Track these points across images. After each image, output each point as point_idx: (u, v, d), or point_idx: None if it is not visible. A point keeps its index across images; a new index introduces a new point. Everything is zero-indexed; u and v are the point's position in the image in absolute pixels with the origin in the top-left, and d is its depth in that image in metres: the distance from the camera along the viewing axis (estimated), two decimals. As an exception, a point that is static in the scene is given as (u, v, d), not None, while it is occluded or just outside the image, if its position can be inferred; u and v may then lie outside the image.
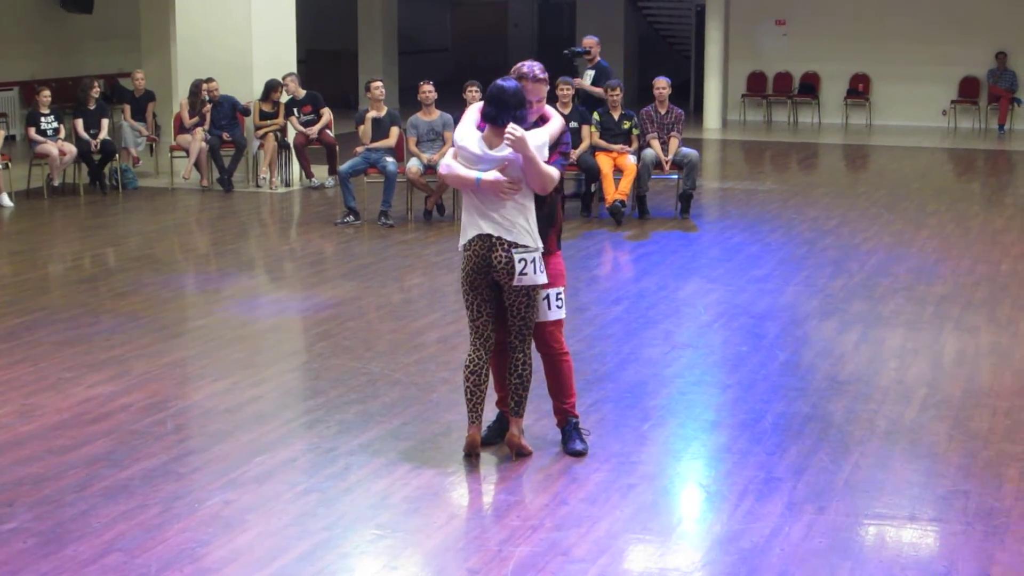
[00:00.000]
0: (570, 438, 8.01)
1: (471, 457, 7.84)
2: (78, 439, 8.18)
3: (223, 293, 12.87)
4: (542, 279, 7.66)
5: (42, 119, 18.22)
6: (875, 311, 11.73)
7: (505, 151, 7.59)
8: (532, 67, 7.86)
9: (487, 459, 7.87)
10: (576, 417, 8.05)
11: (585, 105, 16.98)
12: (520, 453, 7.86)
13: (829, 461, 7.83)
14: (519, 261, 7.58)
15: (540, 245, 7.67)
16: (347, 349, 10.39)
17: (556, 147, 7.82)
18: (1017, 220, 16.39)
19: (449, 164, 7.82)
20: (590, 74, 17.51)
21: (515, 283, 7.61)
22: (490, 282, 7.72)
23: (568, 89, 16.09)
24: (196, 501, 7.18)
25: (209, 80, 18.82)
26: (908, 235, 15.31)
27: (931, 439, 8.30)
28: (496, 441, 8.03)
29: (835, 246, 14.64)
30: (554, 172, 7.68)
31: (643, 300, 12.09)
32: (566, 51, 17.55)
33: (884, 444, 8.19)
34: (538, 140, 7.61)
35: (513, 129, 7.49)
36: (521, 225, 7.62)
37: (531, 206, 7.68)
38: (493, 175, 7.61)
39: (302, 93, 19.10)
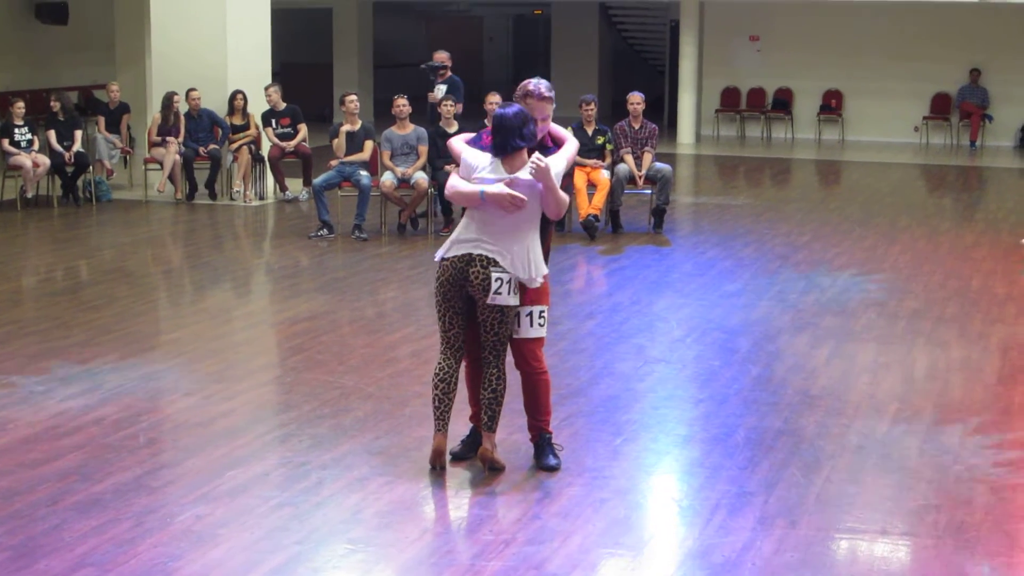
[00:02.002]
0: (544, 453, 8.01)
1: (436, 467, 7.85)
2: (50, 453, 8.16)
3: (196, 306, 12.87)
4: (514, 301, 7.66)
5: (16, 131, 18.17)
6: (847, 326, 11.77)
7: (519, 176, 7.64)
8: (538, 85, 7.84)
9: (460, 473, 7.88)
10: (550, 433, 8.06)
11: (436, 121, 16.88)
12: (493, 468, 7.86)
13: (801, 476, 7.86)
14: (495, 280, 7.60)
15: (536, 277, 7.68)
16: (320, 363, 10.39)
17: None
18: (988, 236, 16.47)
19: (453, 182, 7.82)
20: (442, 88, 17.71)
21: (488, 301, 7.62)
22: (464, 296, 7.73)
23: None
24: (168, 515, 7.16)
25: (191, 90, 18.80)
26: (880, 250, 15.37)
27: (902, 453, 8.33)
28: (469, 456, 8.03)
29: (807, 261, 14.69)
30: (565, 197, 7.75)
31: (616, 315, 12.11)
32: (422, 65, 17.69)
33: (855, 458, 8.22)
34: (557, 167, 7.68)
35: (538, 159, 7.55)
36: (517, 254, 7.64)
37: (534, 236, 7.71)
38: (498, 188, 7.63)
39: (282, 105, 19.09)
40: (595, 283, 14.21)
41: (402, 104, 16.20)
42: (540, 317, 7.86)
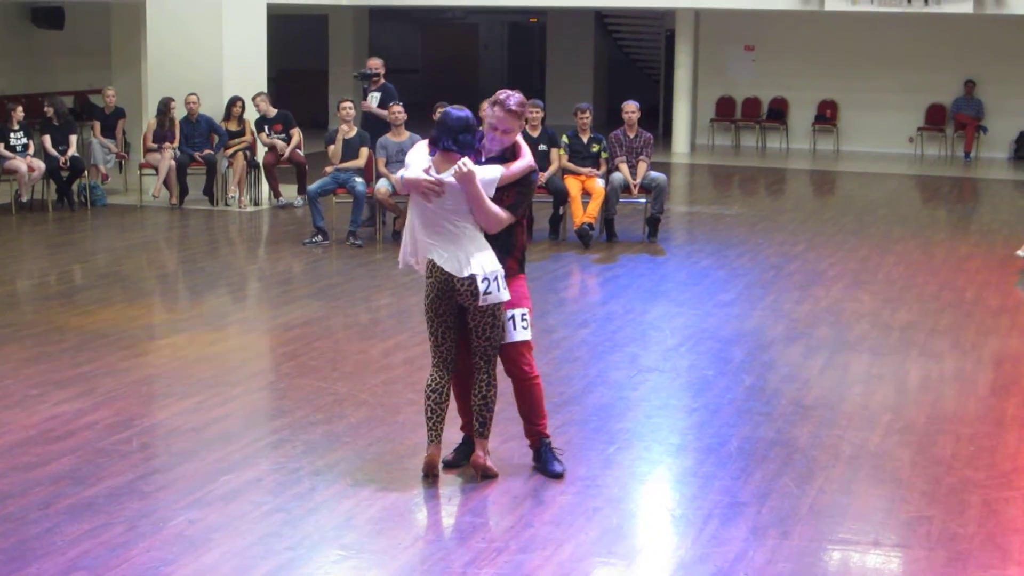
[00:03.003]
0: (547, 460, 8.01)
1: (429, 477, 7.86)
2: (43, 457, 8.16)
3: (190, 312, 12.87)
4: (506, 295, 7.67)
5: (11, 135, 18.17)
6: (841, 336, 11.78)
7: (450, 177, 7.61)
8: (510, 97, 7.76)
9: (452, 481, 7.88)
10: (548, 438, 8.07)
11: (370, 129, 16.91)
12: (486, 475, 7.87)
13: (794, 486, 7.87)
14: (482, 281, 7.60)
15: (496, 266, 7.66)
16: (314, 369, 10.39)
17: (516, 187, 7.77)
18: (982, 247, 16.50)
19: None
20: (376, 96, 17.54)
21: (480, 303, 7.63)
22: (454, 307, 7.74)
23: (537, 112, 16.14)
24: (161, 520, 7.16)
25: (190, 94, 18.81)
26: (874, 261, 15.39)
27: (895, 465, 8.34)
28: (462, 463, 8.04)
29: (801, 271, 14.70)
30: (501, 215, 7.66)
31: (610, 323, 12.12)
32: (354, 74, 17.44)
33: (848, 469, 8.23)
34: (487, 175, 7.62)
35: (463, 163, 7.52)
36: (462, 255, 7.64)
37: (474, 233, 7.68)
38: (414, 172, 7.64)
39: (273, 112, 19.09)
40: (589, 292, 14.21)
41: (397, 111, 16.21)
42: (523, 320, 7.85)
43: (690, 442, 8.79)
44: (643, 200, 16.74)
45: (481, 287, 7.58)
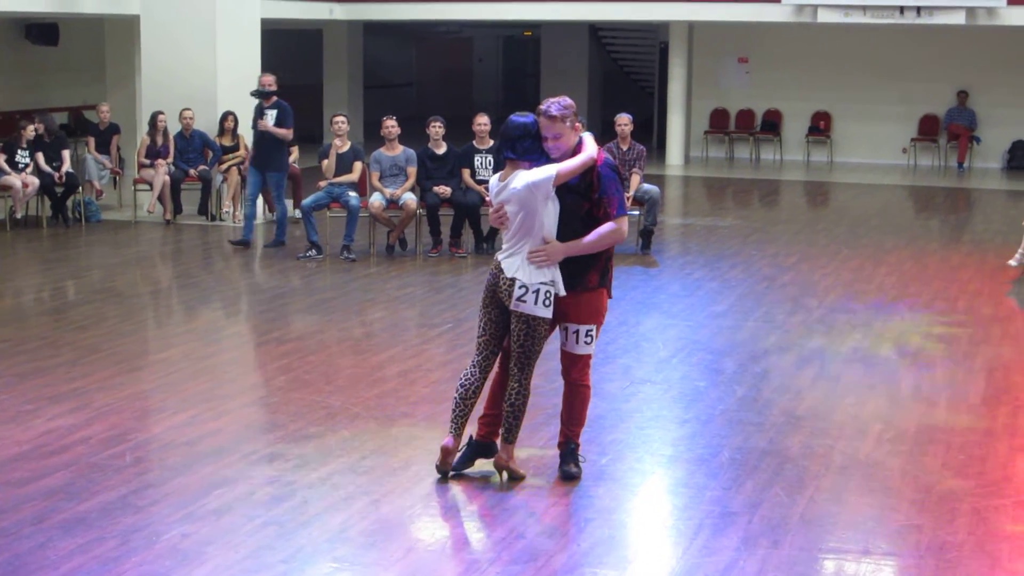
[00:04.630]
0: (565, 460, 8.14)
1: (443, 469, 7.98)
2: (37, 471, 8.18)
3: (184, 326, 12.89)
4: (542, 312, 7.72)
5: (19, 152, 18.23)
6: (833, 347, 11.81)
7: (511, 184, 7.76)
8: (550, 104, 7.81)
9: (445, 493, 7.91)
10: (577, 444, 8.17)
11: (266, 148, 16.59)
12: (512, 477, 8.01)
13: (785, 496, 7.89)
14: (519, 287, 7.65)
15: (549, 280, 7.72)
16: (307, 383, 10.41)
17: (598, 188, 7.81)
18: (974, 257, 16.53)
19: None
20: (272, 114, 16.76)
21: (512, 307, 7.69)
22: (499, 303, 7.81)
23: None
24: (154, 534, 7.18)
25: (184, 109, 18.83)
26: (867, 271, 15.42)
27: (885, 474, 8.37)
28: (466, 468, 8.12)
29: (794, 282, 14.74)
30: (604, 232, 7.79)
31: (603, 335, 12.04)
32: (252, 92, 16.94)
33: (839, 479, 8.26)
34: (538, 176, 7.71)
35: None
36: (519, 259, 7.74)
37: (530, 246, 7.77)
38: (495, 201, 7.89)
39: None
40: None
41: (391, 125, 16.24)
42: (587, 336, 7.98)
43: (682, 453, 8.82)
44: (636, 212, 16.76)
45: (517, 292, 7.65)
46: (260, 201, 19.23)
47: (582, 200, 7.81)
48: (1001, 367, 11.22)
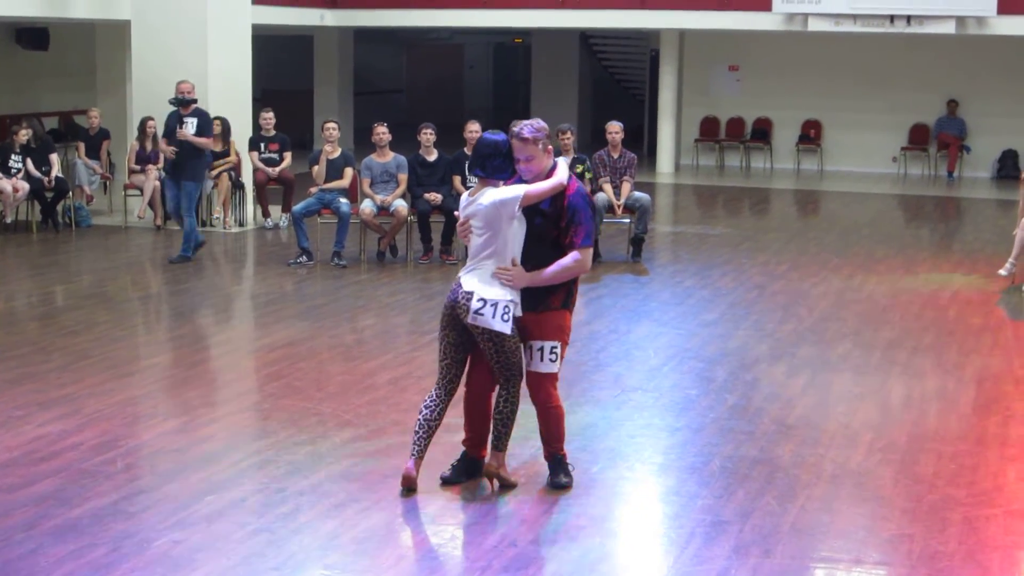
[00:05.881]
0: (555, 471, 8.14)
1: (408, 491, 7.92)
2: (27, 477, 8.16)
3: (175, 332, 12.88)
4: (500, 327, 7.68)
5: (12, 156, 18.22)
6: (823, 356, 11.83)
7: (478, 200, 7.73)
8: (522, 127, 7.78)
9: (437, 500, 7.90)
10: (562, 454, 8.16)
11: (186, 158, 16.07)
12: (504, 485, 8.01)
13: (776, 504, 7.89)
14: (476, 300, 7.63)
15: (508, 298, 7.69)
16: (298, 390, 10.40)
17: (572, 222, 7.78)
18: (964, 266, 16.56)
19: None
20: (192, 122, 16.25)
21: (469, 320, 7.66)
22: (458, 323, 7.78)
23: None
24: (145, 541, 7.16)
25: None
26: (857, 280, 15.44)
27: (877, 483, 8.37)
28: (459, 480, 8.11)
29: (785, 291, 14.75)
30: (568, 264, 7.79)
31: (594, 343, 12.14)
32: (170, 100, 16.47)
33: (830, 488, 8.26)
34: (506, 195, 7.69)
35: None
36: (481, 274, 7.71)
37: (493, 263, 7.75)
38: (463, 215, 7.86)
39: (273, 132, 19.18)
40: (573, 311, 14.21)
41: (382, 132, 16.24)
42: (551, 353, 7.90)
43: (673, 461, 8.82)
44: (627, 220, 16.78)
45: (474, 305, 7.62)
46: (253, 208, 19.27)
47: (551, 226, 7.80)
48: (991, 376, 11.23)
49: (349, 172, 16.59)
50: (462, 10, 27.36)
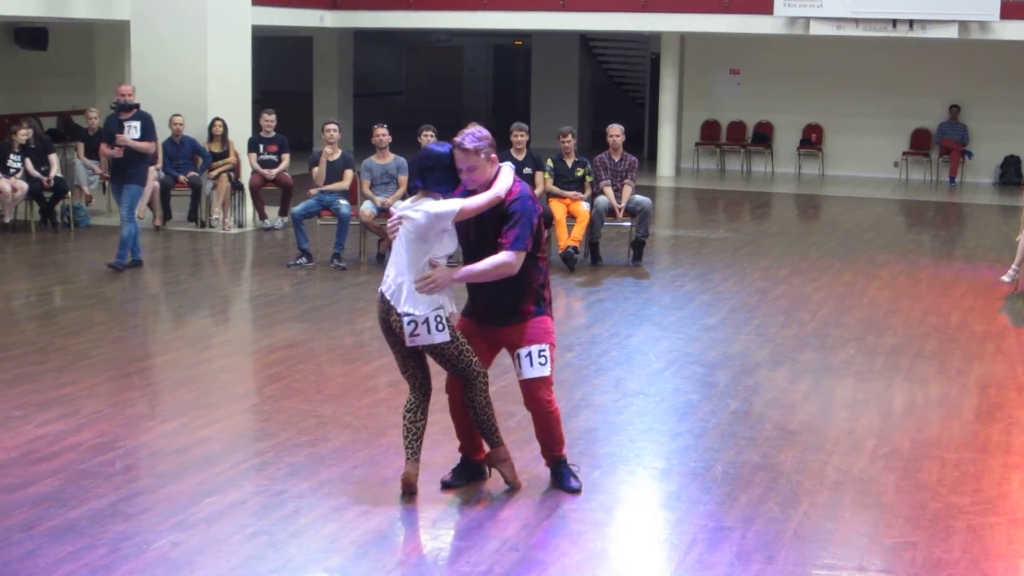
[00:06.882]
0: (563, 476, 8.11)
1: (407, 496, 7.87)
2: (25, 478, 8.12)
3: (174, 333, 12.84)
4: (440, 338, 7.64)
5: (11, 156, 18.17)
6: (826, 361, 11.78)
7: (417, 208, 7.66)
8: (464, 136, 7.70)
9: (438, 504, 7.86)
10: (564, 456, 8.13)
11: (128, 162, 15.63)
12: (506, 482, 8.03)
13: (778, 511, 7.85)
14: (408, 323, 7.59)
15: (438, 306, 7.64)
16: (298, 392, 10.36)
17: (508, 222, 7.71)
18: (967, 272, 16.53)
19: None
20: (136, 126, 15.74)
21: (408, 344, 7.64)
22: (399, 339, 7.73)
23: (522, 135, 16.14)
24: (144, 542, 7.12)
25: (175, 115, 18.77)
26: (859, 285, 15.40)
27: (880, 490, 8.33)
28: (459, 484, 8.08)
29: (786, 295, 14.71)
30: (497, 262, 7.66)
31: (595, 347, 12.10)
32: (111, 104, 16.04)
33: (833, 494, 8.22)
34: (441, 208, 7.62)
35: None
36: (407, 288, 7.63)
37: (412, 273, 7.67)
38: (398, 214, 7.77)
39: (272, 133, 19.14)
40: (574, 315, 14.18)
41: (382, 133, 16.20)
42: (540, 356, 7.84)
43: (675, 466, 8.78)
44: (628, 224, 16.74)
45: (407, 329, 7.58)
46: (252, 209, 19.23)
47: (495, 228, 7.73)
48: (995, 383, 11.19)
49: (349, 174, 16.57)
50: (462, 12, 27.36)
